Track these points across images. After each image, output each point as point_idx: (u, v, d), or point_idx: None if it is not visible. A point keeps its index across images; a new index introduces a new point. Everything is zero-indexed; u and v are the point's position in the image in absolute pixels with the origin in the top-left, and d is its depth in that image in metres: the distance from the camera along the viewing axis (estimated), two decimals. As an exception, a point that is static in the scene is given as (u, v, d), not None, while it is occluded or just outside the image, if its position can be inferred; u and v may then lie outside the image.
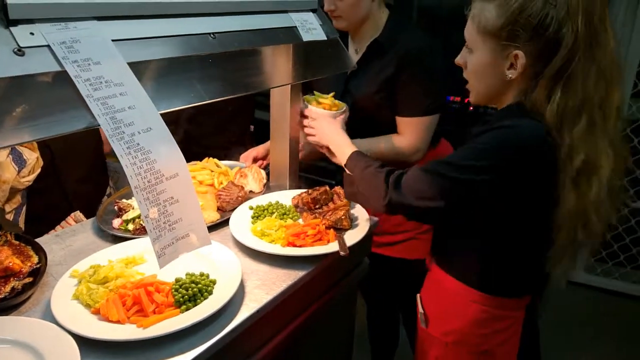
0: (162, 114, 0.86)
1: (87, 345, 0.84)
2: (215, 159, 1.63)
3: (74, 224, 1.44)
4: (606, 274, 3.02)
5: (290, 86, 1.38)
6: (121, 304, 0.92)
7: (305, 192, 1.36)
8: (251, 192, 1.49)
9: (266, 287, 1.06)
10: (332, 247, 1.17)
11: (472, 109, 2.82)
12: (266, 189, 1.52)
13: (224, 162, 1.66)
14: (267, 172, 1.60)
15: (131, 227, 1.26)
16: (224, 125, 2.13)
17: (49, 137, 0.74)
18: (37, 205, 1.67)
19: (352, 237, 1.22)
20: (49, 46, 0.76)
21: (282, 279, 1.09)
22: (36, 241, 1.14)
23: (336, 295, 1.27)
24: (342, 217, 1.25)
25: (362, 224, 1.29)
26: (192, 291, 0.96)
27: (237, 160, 1.75)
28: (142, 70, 0.88)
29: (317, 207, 1.33)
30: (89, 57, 0.79)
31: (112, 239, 1.24)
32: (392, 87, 1.57)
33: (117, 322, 0.90)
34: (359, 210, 1.35)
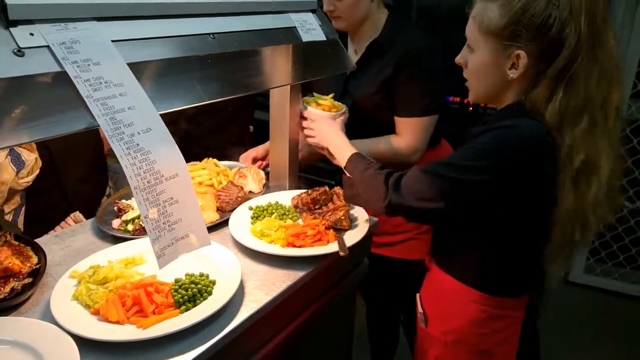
0: (161, 115, 0.86)
1: (87, 345, 0.84)
2: (214, 159, 1.63)
3: (74, 224, 1.44)
4: (606, 274, 3.03)
5: (289, 86, 1.38)
6: (121, 305, 0.92)
7: (304, 193, 1.36)
8: (251, 192, 1.49)
9: (266, 287, 1.06)
10: (332, 247, 1.17)
11: (471, 109, 2.83)
12: (266, 190, 1.52)
13: (223, 162, 1.67)
14: (267, 173, 1.60)
15: (131, 227, 1.27)
16: (223, 125, 2.14)
17: (48, 137, 0.74)
18: (36, 205, 1.67)
19: (352, 237, 1.22)
20: (48, 47, 0.76)
21: (282, 280, 1.09)
22: (36, 242, 1.14)
23: (336, 295, 1.27)
24: (342, 218, 1.25)
25: (362, 224, 1.29)
26: (192, 292, 0.96)
27: (237, 160, 1.75)
28: (141, 70, 0.88)
29: (317, 207, 1.33)
30: (88, 58, 0.79)
31: (111, 240, 1.24)
32: (391, 88, 1.57)
33: (117, 322, 0.90)
34: (358, 210, 1.35)
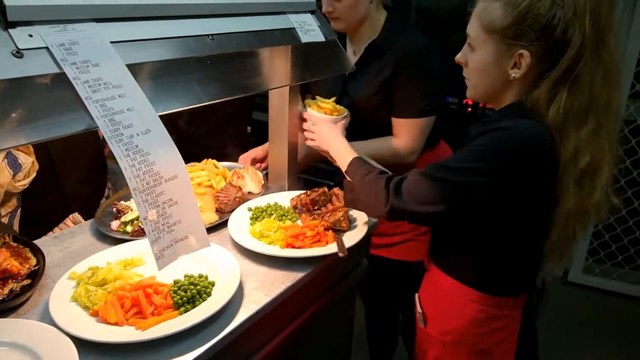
0: (160, 116, 0.86)
1: (86, 347, 0.84)
2: (214, 160, 1.63)
3: (72, 225, 1.44)
4: (604, 274, 3.03)
5: (288, 88, 1.38)
6: (119, 306, 0.92)
7: (304, 194, 1.36)
8: (250, 193, 1.49)
9: (265, 288, 1.06)
10: (331, 248, 1.17)
11: (470, 110, 2.83)
12: (265, 190, 1.52)
13: (222, 163, 1.66)
14: (266, 174, 1.59)
15: (130, 229, 1.26)
16: (222, 126, 2.14)
17: (47, 139, 0.74)
18: (35, 207, 1.66)
19: (351, 238, 1.22)
20: (47, 48, 0.75)
21: (281, 281, 1.09)
22: (34, 243, 1.13)
23: (335, 296, 1.27)
24: (341, 219, 1.25)
25: (361, 225, 1.29)
26: (191, 293, 0.96)
27: (236, 161, 1.75)
28: (140, 72, 0.88)
29: (316, 208, 1.32)
30: (87, 59, 0.79)
31: (110, 241, 1.23)
32: (390, 89, 1.57)
33: (116, 324, 0.90)
34: (357, 211, 1.34)
